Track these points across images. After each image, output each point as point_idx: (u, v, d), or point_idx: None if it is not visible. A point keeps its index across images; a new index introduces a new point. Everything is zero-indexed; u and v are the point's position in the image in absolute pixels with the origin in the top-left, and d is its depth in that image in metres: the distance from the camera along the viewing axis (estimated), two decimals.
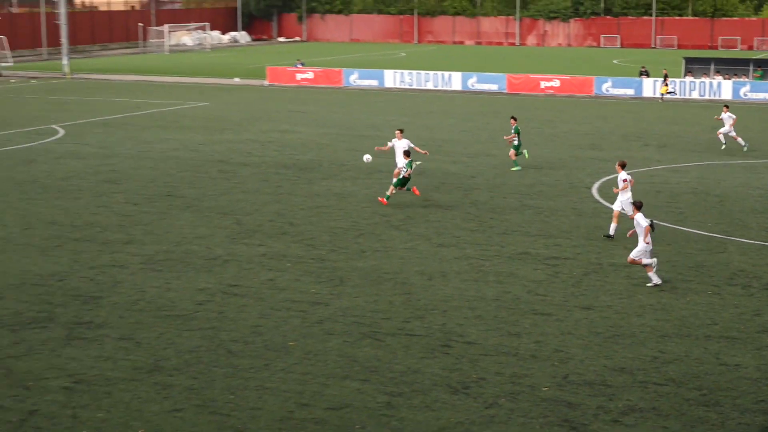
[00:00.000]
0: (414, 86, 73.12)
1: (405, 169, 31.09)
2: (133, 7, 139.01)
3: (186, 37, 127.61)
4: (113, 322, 20.27)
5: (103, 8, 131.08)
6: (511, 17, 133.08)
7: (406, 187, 31.31)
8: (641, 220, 22.91)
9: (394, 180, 31.55)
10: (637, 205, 23.34)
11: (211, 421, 15.60)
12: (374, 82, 74.43)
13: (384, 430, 15.31)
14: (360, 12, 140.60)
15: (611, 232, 27.15)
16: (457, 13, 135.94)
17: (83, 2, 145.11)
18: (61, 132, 48.49)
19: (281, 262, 24.94)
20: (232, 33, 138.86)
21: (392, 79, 74.14)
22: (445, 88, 72.39)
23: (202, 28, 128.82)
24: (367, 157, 33.09)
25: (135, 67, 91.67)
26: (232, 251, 25.94)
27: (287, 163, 39.60)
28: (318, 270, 24.20)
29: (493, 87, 71.29)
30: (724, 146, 43.09)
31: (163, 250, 25.97)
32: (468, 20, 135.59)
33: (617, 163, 27.80)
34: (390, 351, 18.68)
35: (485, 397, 16.54)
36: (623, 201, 27.03)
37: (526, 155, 38.46)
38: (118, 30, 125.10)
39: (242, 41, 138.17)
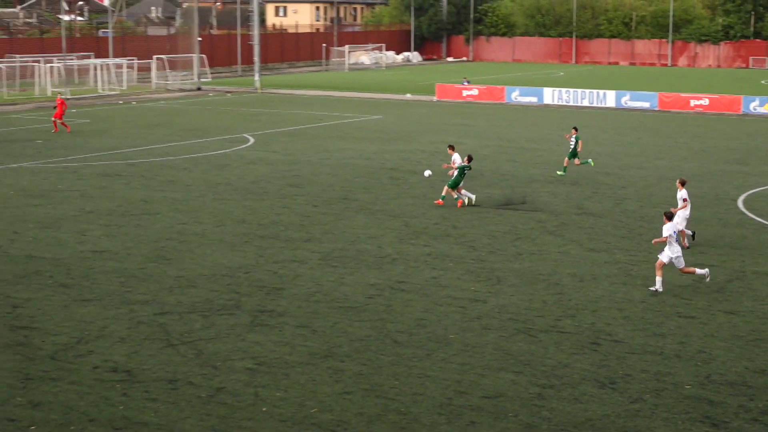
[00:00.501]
0: (570, 103, 72.17)
1: (456, 172, 31.68)
2: (318, 29, 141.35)
3: (364, 56, 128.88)
4: (292, 312, 20.57)
5: (291, 30, 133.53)
6: (664, 40, 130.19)
7: (455, 195, 31.98)
8: (664, 231, 22.12)
9: (449, 182, 32.02)
10: (668, 216, 22.58)
11: (377, 404, 15.67)
12: (534, 99, 73.77)
13: (535, 420, 15.13)
14: (522, 35, 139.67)
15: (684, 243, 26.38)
16: (613, 36, 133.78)
17: (274, 25, 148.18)
18: (252, 140, 49.53)
19: (444, 261, 24.92)
20: (406, 53, 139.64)
21: (551, 96, 73.35)
22: (599, 105, 71.22)
23: (379, 49, 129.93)
24: (428, 173, 33.42)
25: (318, 84, 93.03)
26: (400, 250, 26.04)
27: None
28: (477, 270, 24.10)
29: (645, 104, 69.78)
30: None
31: (339, 248, 26.24)
32: (623, 42, 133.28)
33: (678, 181, 26.74)
34: (542, 346, 18.47)
35: (630, 393, 16.19)
36: (685, 217, 26.28)
37: (592, 164, 38.95)
38: (304, 50, 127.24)
39: (414, 60, 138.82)
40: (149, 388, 16.32)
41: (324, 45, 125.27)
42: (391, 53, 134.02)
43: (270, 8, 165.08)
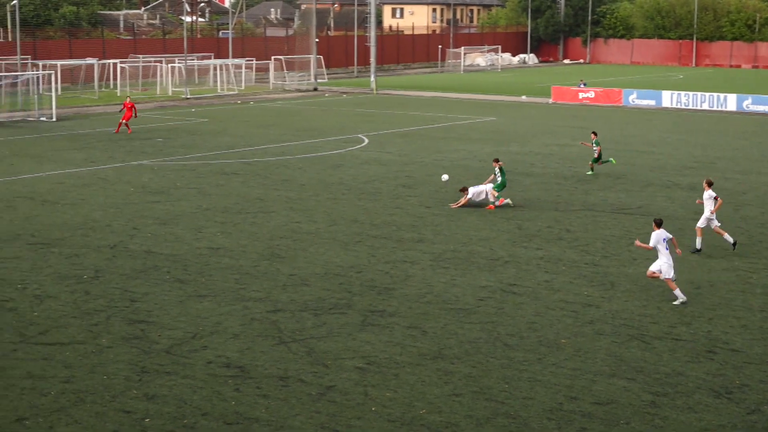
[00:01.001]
0: (690, 106, 70.76)
1: (499, 177, 31.93)
2: (434, 31, 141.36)
3: (479, 58, 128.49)
4: (403, 312, 20.58)
5: (407, 32, 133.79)
6: None
7: (495, 199, 31.95)
8: (656, 236, 21.36)
9: (496, 185, 32.05)
10: (657, 223, 21.74)
11: (487, 407, 15.57)
12: (652, 102, 72.52)
13: (648, 428, 14.83)
14: (641, 37, 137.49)
15: (698, 246, 26.12)
16: (735, 39, 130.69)
17: (391, 27, 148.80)
18: (366, 141, 49.78)
19: (557, 265, 24.65)
20: (522, 55, 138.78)
21: (669, 99, 71.98)
22: (720, 108, 69.68)
23: (495, 51, 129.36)
24: (445, 177, 33.68)
25: (433, 85, 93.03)
26: (512, 253, 25.85)
27: (566, 174, 39.14)
28: (591, 274, 23.77)
29: None
30: None
31: (450, 250, 26.17)
32: (746, 45, 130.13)
33: (704, 181, 26.51)
34: (656, 353, 18.11)
35: (747, 403, 15.76)
36: (708, 217, 25.93)
37: (613, 162, 40.13)
38: (420, 51, 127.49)
39: (530, 63, 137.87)
40: (261, 384, 16.51)
41: (440, 46, 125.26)
42: (507, 55, 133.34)
43: (387, 10, 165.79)
